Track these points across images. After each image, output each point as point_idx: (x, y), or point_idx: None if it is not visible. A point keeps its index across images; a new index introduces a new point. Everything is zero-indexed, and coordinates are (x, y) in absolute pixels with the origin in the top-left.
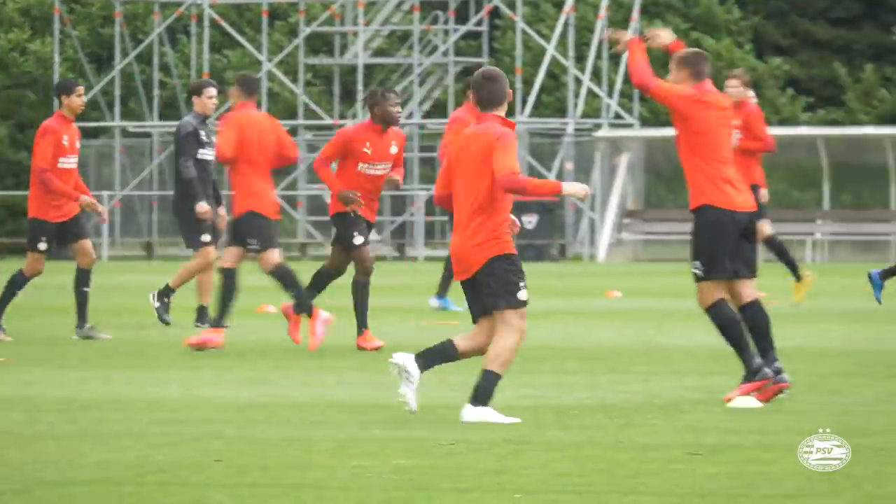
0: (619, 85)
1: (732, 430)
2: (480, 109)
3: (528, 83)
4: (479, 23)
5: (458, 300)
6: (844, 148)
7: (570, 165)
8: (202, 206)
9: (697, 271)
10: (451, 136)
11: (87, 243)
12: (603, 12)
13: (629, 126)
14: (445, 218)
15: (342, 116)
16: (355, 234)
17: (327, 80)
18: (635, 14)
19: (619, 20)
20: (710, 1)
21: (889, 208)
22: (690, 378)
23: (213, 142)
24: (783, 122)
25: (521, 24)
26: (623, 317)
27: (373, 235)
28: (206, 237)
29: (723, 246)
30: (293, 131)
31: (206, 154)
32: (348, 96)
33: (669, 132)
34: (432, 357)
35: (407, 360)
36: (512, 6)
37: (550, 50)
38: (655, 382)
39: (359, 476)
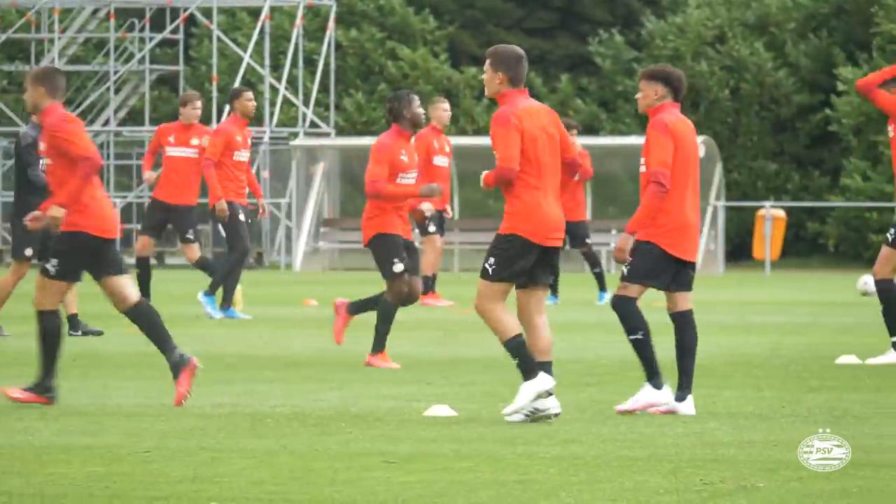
0: (314, 94)
1: (428, 438)
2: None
3: (224, 91)
4: (175, 31)
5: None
6: None
7: (266, 174)
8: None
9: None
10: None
11: None
12: (299, 21)
13: (325, 135)
14: None
15: None
16: (395, 260)
17: (23, 88)
18: (331, 23)
19: (315, 29)
20: (406, 10)
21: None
22: (386, 387)
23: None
24: (478, 132)
25: (217, 32)
26: (319, 325)
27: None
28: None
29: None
30: None
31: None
32: None
33: (365, 141)
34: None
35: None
36: (208, 14)
37: (247, 58)
38: (351, 391)
39: (54, 483)
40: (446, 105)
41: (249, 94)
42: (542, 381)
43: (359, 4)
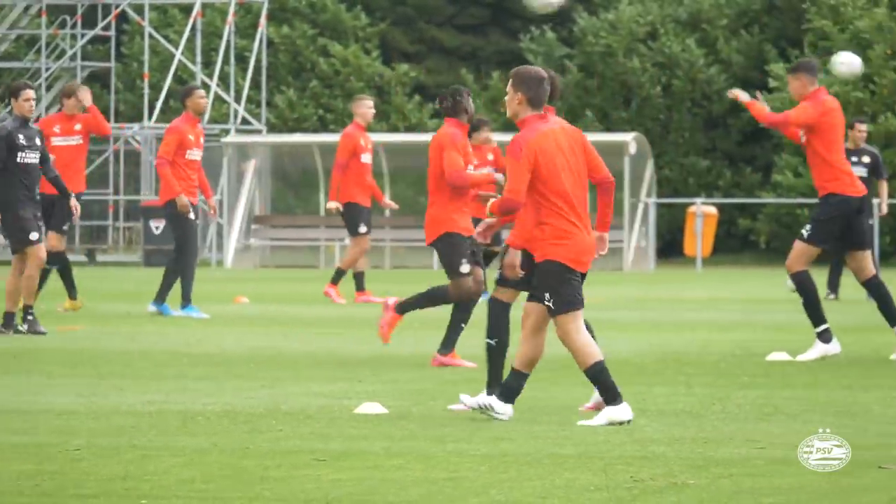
0: (246, 91)
1: (359, 436)
2: (541, 109)
3: (155, 88)
4: (107, 27)
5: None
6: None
7: None
8: None
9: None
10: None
11: None
12: (230, 18)
13: (257, 132)
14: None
15: None
16: (463, 261)
17: None
18: (262, 20)
19: (247, 25)
20: (338, 7)
21: None
22: (317, 384)
23: (37, 144)
24: (410, 128)
25: (148, 29)
26: (250, 322)
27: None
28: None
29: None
30: None
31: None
32: None
33: (297, 138)
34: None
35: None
36: (140, 11)
37: (178, 55)
38: (282, 388)
39: None
40: (370, 102)
41: (201, 92)
42: (622, 410)
43: (290, 1)
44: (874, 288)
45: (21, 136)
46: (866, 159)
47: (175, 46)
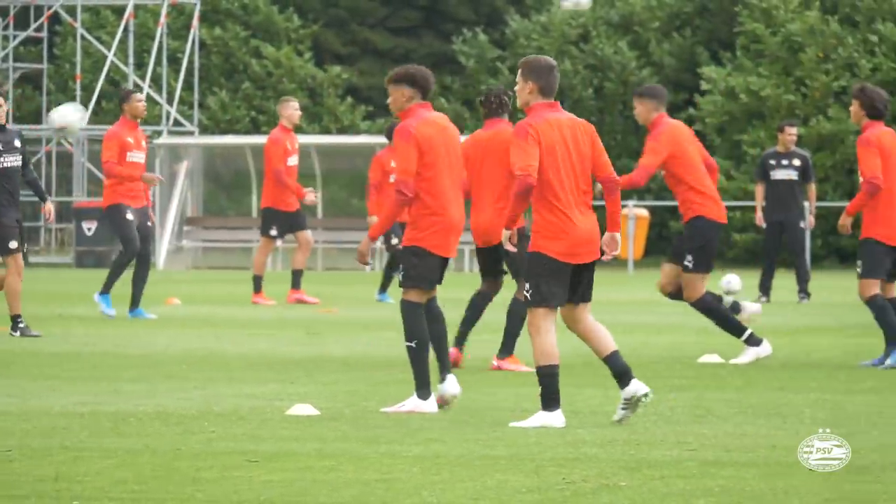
0: (178, 92)
1: (291, 437)
2: (552, 97)
3: (88, 90)
4: (39, 28)
5: None
6: None
7: None
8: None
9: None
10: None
11: None
12: (163, 19)
13: (189, 133)
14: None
15: None
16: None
17: None
18: (195, 22)
19: (179, 27)
20: (270, 9)
21: None
22: (249, 386)
23: (16, 147)
24: (343, 130)
25: (80, 31)
26: (182, 324)
27: None
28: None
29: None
30: None
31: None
32: None
33: (229, 140)
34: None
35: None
36: (72, 12)
37: (111, 57)
38: (214, 390)
39: None
40: (296, 104)
41: (139, 96)
42: (557, 418)
43: (223, 3)
44: None
45: None
46: (797, 162)
47: (107, 48)
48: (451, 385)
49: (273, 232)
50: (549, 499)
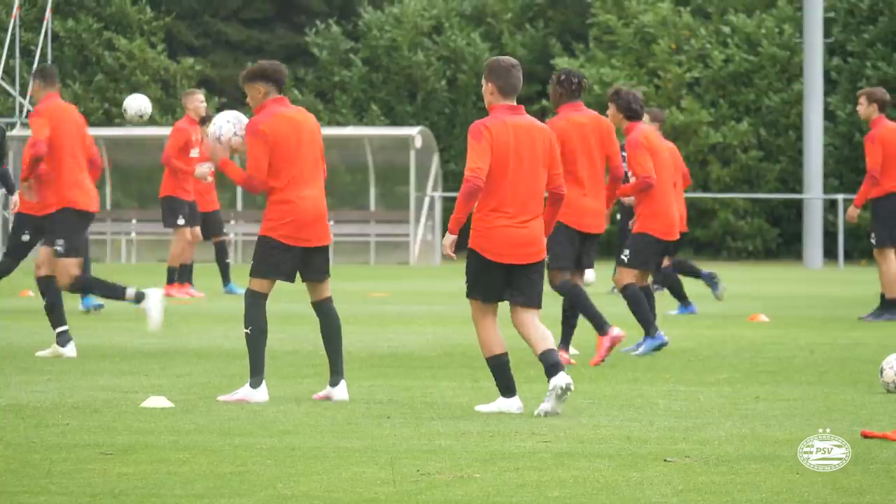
0: (31, 84)
1: (145, 430)
2: (512, 99)
3: None
4: None
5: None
6: None
7: None
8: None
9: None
10: None
11: None
12: (16, 11)
13: None
14: None
15: None
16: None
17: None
18: (48, 13)
19: (32, 19)
20: (123, 1)
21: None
22: (103, 378)
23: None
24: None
25: None
26: (36, 316)
27: None
28: None
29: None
30: None
31: None
32: None
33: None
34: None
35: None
36: None
37: None
38: (68, 382)
39: None
40: (201, 96)
41: (200, 96)
42: (513, 403)
43: None
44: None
45: None
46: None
47: None
48: (340, 391)
49: (180, 221)
50: (403, 491)
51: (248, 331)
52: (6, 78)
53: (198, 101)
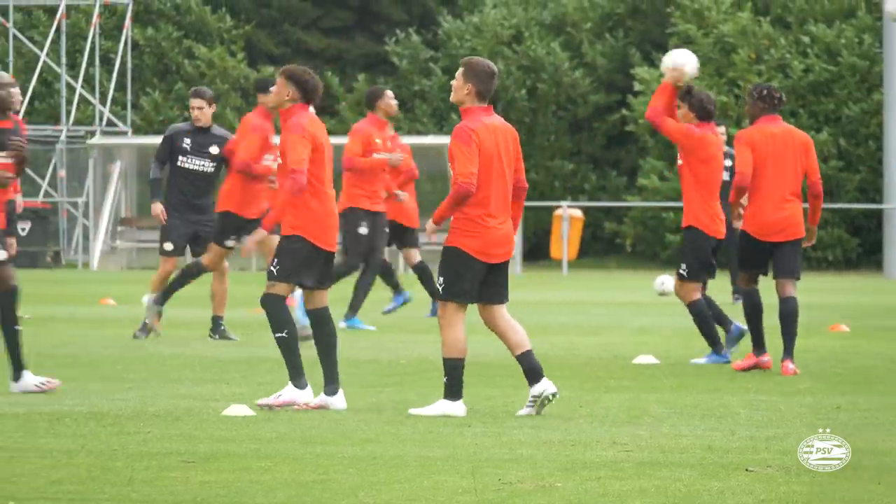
0: (111, 93)
1: (227, 438)
2: (488, 102)
3: (20, 90)
4: None
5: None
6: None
7: (63, 173)
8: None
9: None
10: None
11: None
12: (95, 19)
13: (122, 134)
14: None
15: None
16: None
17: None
18: (127, 22)
19: (112, 27)
20: (203, 9)
21: None
22: (184, 386)
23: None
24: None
25: (13, 31)
26: (117, 324)
27: None
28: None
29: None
30: None
31: None
32: None
33: (160, 140)
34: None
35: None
36: (4, 12)
37: (43, 57)
38: (149, 390)
39: None
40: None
41: (391, 93)
42: (458, 408)
43: (155, 3)
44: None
45: None
46: (728, 162)
47: (40, 48)
48: (339, 400)
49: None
50: (485, 500)
51: (283, 334)
52: (86, 86)
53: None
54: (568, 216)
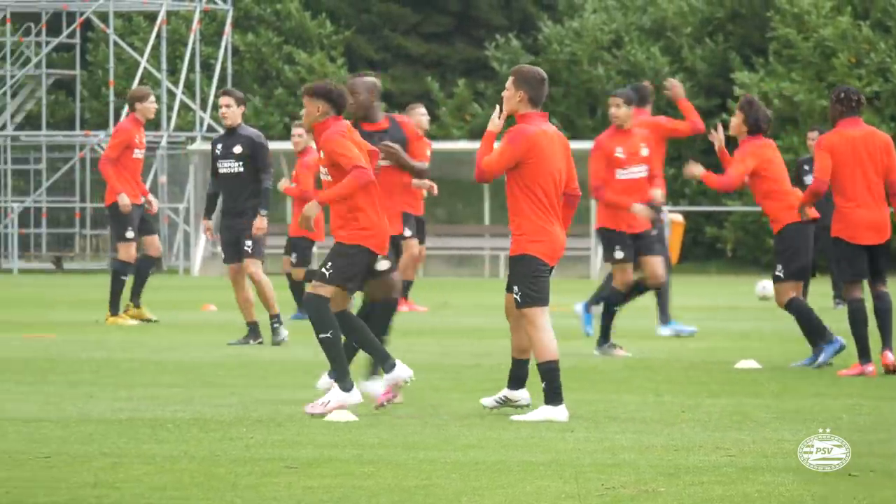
0: (212, 98)
1: (329, 443)
2: (539, 108)
3: (121, 96)
4: (71, 35)
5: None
6: (438, 163)
7: (163, 179)
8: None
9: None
10: None
11: None
12: (195, 25)
13: None
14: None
15: None
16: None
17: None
18: (227, 28)
19: (212, 33)
20: (303, 15)
21: (483, 223)
22: (287, 391)
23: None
24: None
25: (113, 37)
26: (219, 330)
27: None
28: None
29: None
30: None
31: None
32: None
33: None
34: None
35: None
36: (104, 19)
37: (143, 63)
38: (251, 396)
39: None
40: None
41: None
42: (561, 412)
43: (255, 9)
44: None
45: None
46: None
47: (140, 54)
48: (403, 370)
49: (408, 232)
50: None
51: (327, 335)
52: (186, 92)
53: (419, 114)
54: (669, 221)
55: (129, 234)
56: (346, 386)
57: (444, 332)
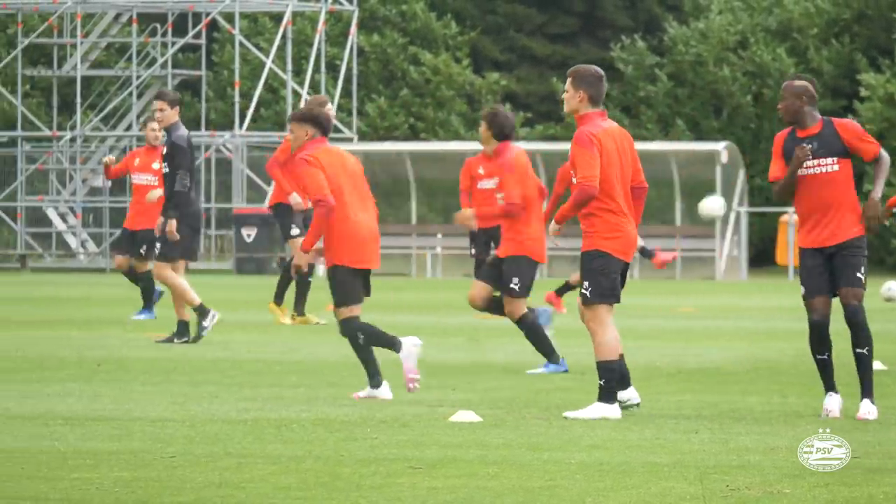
0: (337, 99)
1: (454, 444)
2: (600, 106)
3: (246, 96)
4: (197, 35)
5: None
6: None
7: None
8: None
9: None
10: None
11: None
12: (321, 26)
13: (348, 140)
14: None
15: (60, 128)
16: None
17: (46, 92)
18: (353, 29)
19: (337, 34)
20: (428, 16)
21: None
22: (411, 392)
23: None
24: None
25: (239, 38)
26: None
27: None
28: None
29: None
30: (12, 142)
31: None
32: (66, 108)
33: (388, 147)
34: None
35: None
36: (230, 19)
37: (269, 63)
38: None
39: (80, 488)
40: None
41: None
42: (614, 410)
43: (381, 10)
44: None
45: None
46: None
47: (265, 55)
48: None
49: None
50: None
51: (361, 336)
52: (311, 93)
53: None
54: (794, 222)
55: (294, 231)
56: (378, 382)
57: (567, 333)
